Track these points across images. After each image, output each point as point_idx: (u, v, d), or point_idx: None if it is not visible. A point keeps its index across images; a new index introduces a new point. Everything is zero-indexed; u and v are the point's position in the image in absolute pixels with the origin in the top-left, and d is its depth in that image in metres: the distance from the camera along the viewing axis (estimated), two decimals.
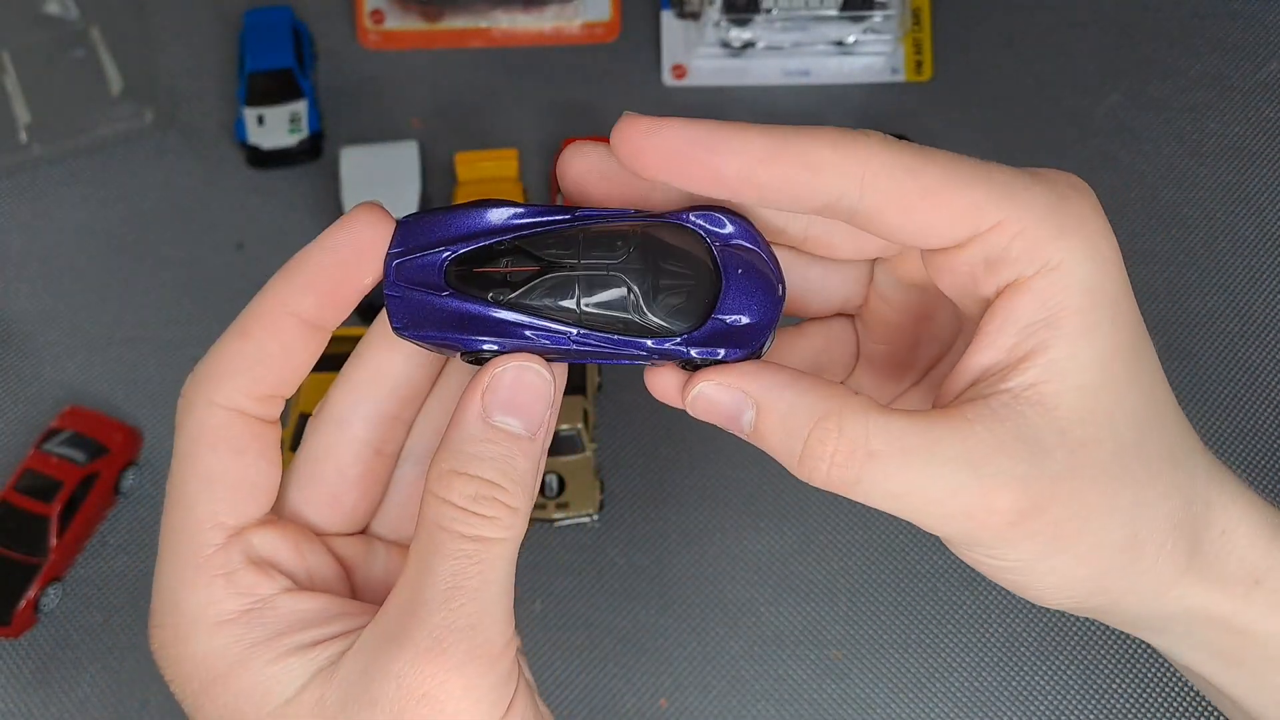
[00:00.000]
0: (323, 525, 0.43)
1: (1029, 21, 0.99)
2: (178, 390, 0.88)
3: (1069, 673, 0.77)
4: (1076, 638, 0.78)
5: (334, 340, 0.90)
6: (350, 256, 0.40)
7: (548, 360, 0.37)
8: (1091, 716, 0.76)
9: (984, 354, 0.37)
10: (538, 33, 0.98)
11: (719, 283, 0.36)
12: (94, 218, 0.92)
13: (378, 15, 0.98)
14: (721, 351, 0.36)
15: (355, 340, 0.87)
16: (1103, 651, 0.78)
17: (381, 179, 0.87)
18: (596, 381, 0.85)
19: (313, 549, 0.42)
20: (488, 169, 0.90)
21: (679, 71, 0.97)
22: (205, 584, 0.39)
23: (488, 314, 0.36)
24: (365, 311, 0.90)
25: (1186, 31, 0.98)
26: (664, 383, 0.40)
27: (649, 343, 0.36)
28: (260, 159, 0.93)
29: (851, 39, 0.95)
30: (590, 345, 0.36)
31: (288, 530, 0.41)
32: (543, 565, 0.81)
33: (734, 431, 0.41)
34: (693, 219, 0.36)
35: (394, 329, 0.37)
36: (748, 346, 0.36)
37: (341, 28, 0.99)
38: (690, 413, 0.40)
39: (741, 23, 0.94)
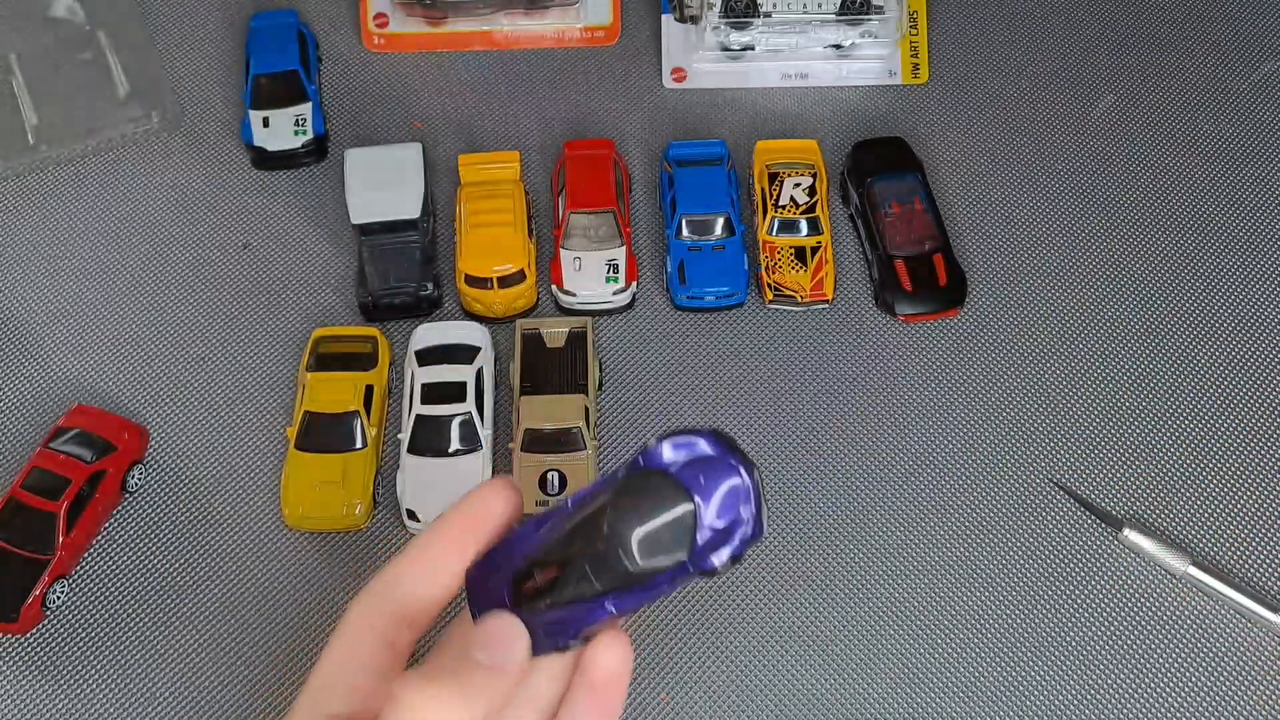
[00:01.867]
0: None
1: (1024, 25, 1.00)
2: (184, 389, 0.89)
3: (1066, 669, 0.78)
4: (1073, 635, 0.79)
5: (334, 340, 0.91)
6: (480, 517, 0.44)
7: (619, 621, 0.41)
8: (1088, 712, 0.77)
9: None
10: (539, 36, 0.99)
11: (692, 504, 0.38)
12: (101, 218, 0.93)
13: (382, 19, 0.99)
14: (726, 551, 0.38)
15: (356, 340, 0.89)
16: (1100, 649, 0.78)
17: (385, 180, 0.88)
18: (597, 380, 0.86)
19: None
20: (490, 171, 0.90)
21: (679, 74, 0.98)
22: None
23: (548, 617, 0.41)
24: (367, 312, 0.92)
25: (1180, 34, 0.99)
26: None
27: (664, 578, 0.38)
28: (266, 160, 0.94)
29: (849, 42, 0.96)
30: (627, 604, 0.39)
31: None
32: None
33: None
34: (664, 453, 0.39)
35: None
36: (741, 534, 0.38)
37: (346, 31, 1.00)
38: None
39: (741, 26, 0.94)
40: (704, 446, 0.38)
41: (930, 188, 0.91)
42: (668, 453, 0.38)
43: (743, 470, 0.38)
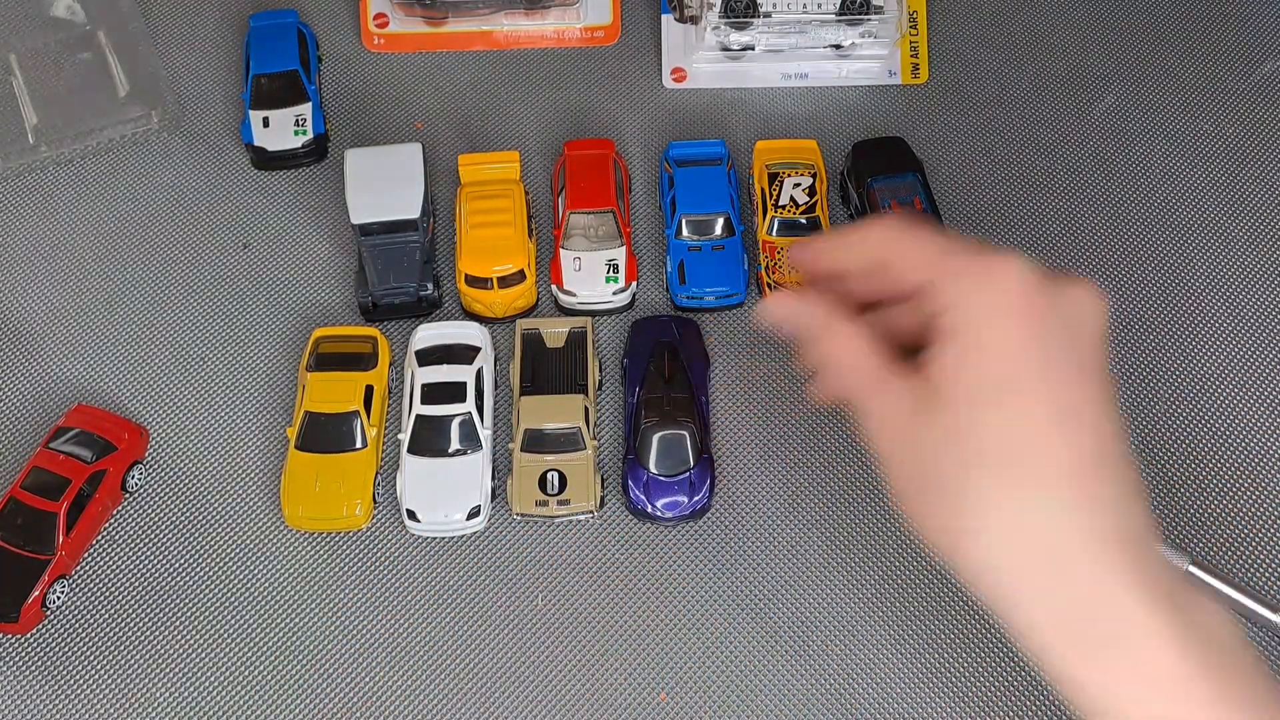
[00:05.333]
0: None
1: (1024, 25, 1.00)
2: (184, 389, 0.89)
3: None
4: None
5: (334, 340, 0.91)
6: None
7: None
8: None
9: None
10: (539, 36, 0.99)
11: None
12: (101, 219, 0.93)
13: (382, 19, 0.99)
14: None
15: (356, 340, 0.89)
16: None
17: (385, 181, 0.88)
18: (597, 380, 0.86)
19: None
20: (490, 171, 0.90)
21: (679, 75, 0.98)
22: None
23: None
24: (367, 312, 0.92)
25: (1180, 34, 0.99)
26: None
27: None
28: (266, 161, 0.94)
29: (849, 42, 0.96)
30: None
31: None
32: (544, 561, 0.82)
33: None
34: None
35: None
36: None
37: (346, 31, 1.00)
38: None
39: (741, 26, 0.95)
40: None
41: (930, 188, 0.90)
42: None
43: None
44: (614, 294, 0.88)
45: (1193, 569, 0.79)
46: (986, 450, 0.58)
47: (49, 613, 0.80)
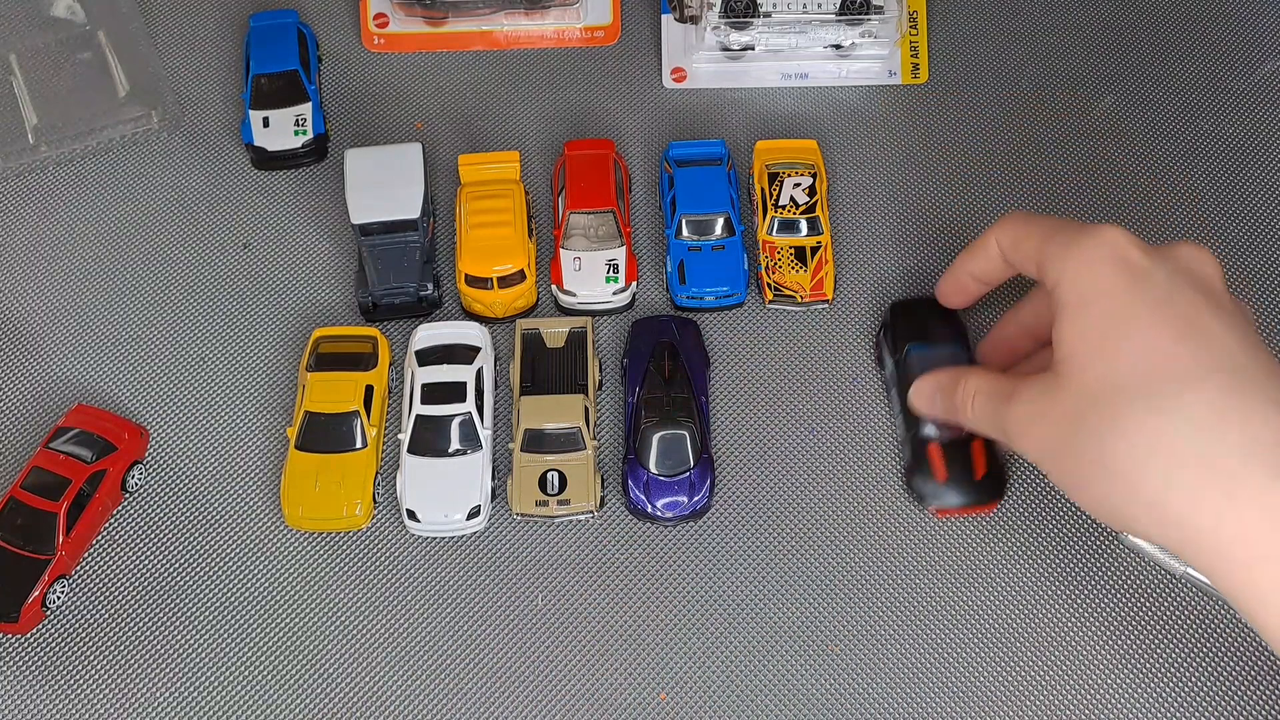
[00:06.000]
0: None
1: (1024, 25, 1.00)
2: (184, 389, 0.89)
3: (1064, 668, 0.78)
4: (1072, 634, 0.79)
5: (334, 340, 0.92)
6: None
7: None
8: (1088, 713, 0.77)
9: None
10: (540, 36, 0.99)
11: None
12: (101, 219, 0.93)
13: (382, 19, 0.99)
14: None
15: (356, 340, 0.89)
16: (1098, 647, 0.78)
17: (385, 181, 0.88)
18: (597, 380, 0.86)
19: None
20: (490, 171, 0.90)
21: (679, 74, 0.98)
22: None
23: None
24: (367, 312, 0.92)
25: (1180, 34, 0.99)
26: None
27: None
28: (266, 161, 0.94)
29: (849, 42, 0.96)
30: None
31: None
32: (544, 561, 0.82)
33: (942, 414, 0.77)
34: None
35: None
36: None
37: (346, 31, 1.00)
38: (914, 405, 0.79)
39: (741, 26, 0.95)
40: None
41: (974, 359, 0.82)
42: None
43: None
44: (614, 294, 0.88)
45: (1192, 569, 0.79)
46: (1115, 387, 0.60)
47: (49, 613, 0.80)
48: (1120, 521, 0.62)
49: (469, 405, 0.83)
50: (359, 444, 0.83)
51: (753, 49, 0.96)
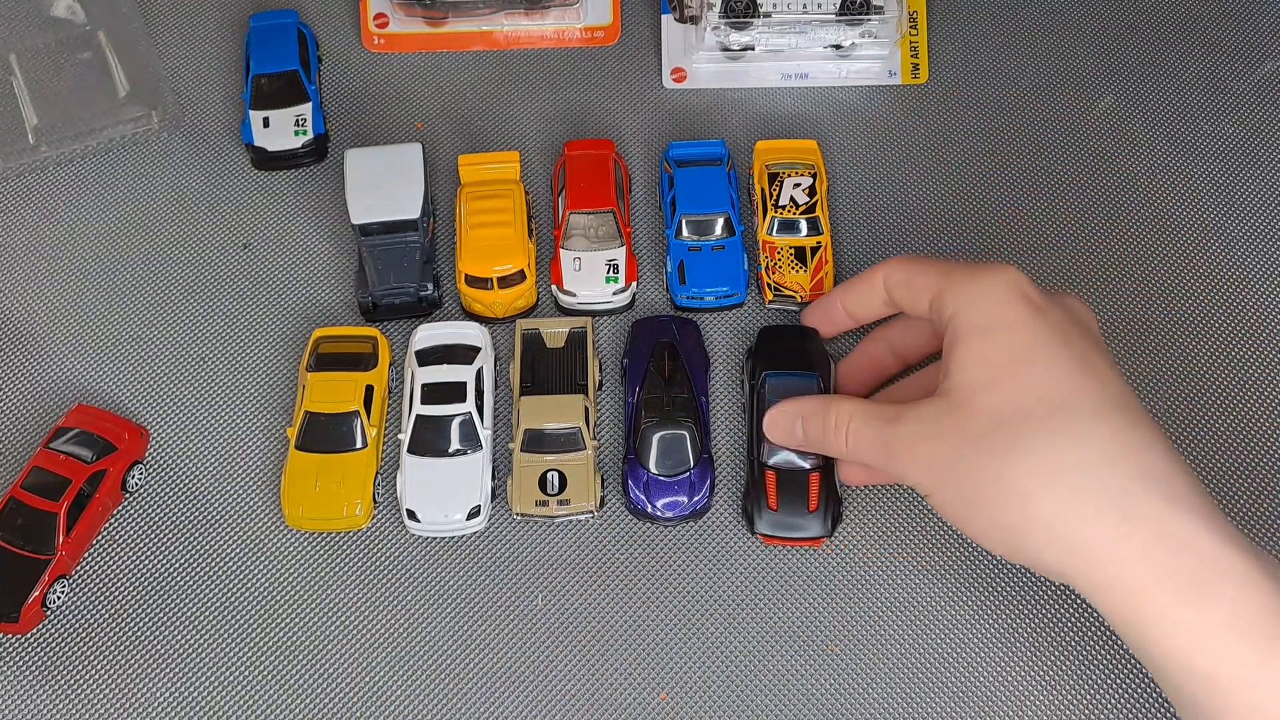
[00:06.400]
0: None
1: (1024, 25, 1.00)
2: (184, 389, 0.89)
3: (1063, 668, 0.78)
4: (1071, 633, 0.79)
5: (334, 340, 0.91)
6: None
7: None
8: (1087, 713, 0.77)
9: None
10: (540, 36, 0.99)
11: None
12: (101, 219, 0.93)
13: (382, 19, 0.99)
14: None
15: (356, 340, 0.89)
16: (1097, 647, 0.78)
17: (385, 181, 0.88)
18: (597, 380, 0.86)
19: None
20: (490, 171, 0.90)
21: (679, 75, 0.98)
22: None
23: None
24: (367, 312, 0.92)
25: (1180, 34, 0.99)
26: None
27: None
28: (266, 161, 0.94)
29: (849, 42, 0.96)
30: None
31: None
32: (544, 561, 0.82)
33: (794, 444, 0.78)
34: None
35: None
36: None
37: (346, 31, 1.00)
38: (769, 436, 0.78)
39: (740, 26, 0.95)
40: None
41: (830, 388, 0.81)
42: None
43: None
44: (614, 294, 0.88)
45: None
46: (1018, 411, 0.62)
47: (49, 613, 0.80)
48: (1007, 542, 0.64)
49: (469, 405, 0.83)
50: (359, 444, 0.83)
51: (753, 49, 0.96)
